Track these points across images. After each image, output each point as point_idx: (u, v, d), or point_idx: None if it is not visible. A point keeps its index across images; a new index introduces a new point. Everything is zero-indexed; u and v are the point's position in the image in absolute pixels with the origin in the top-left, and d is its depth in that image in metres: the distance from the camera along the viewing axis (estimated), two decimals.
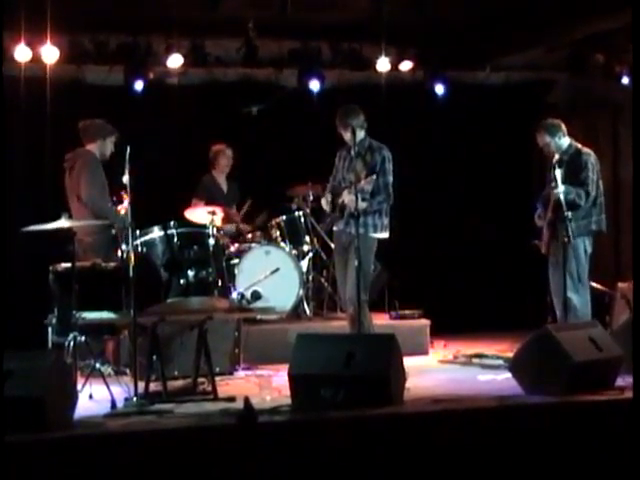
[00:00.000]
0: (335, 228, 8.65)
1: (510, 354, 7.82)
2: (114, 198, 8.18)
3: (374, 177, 8.20)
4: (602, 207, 8.48)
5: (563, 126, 8.56)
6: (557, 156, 8.37)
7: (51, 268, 7.80)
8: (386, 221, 8.48)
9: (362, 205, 8.12)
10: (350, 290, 8.22)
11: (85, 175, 8.41)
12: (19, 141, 9.81)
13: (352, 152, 8.44)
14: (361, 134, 8.38)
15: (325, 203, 8.61)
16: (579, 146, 8.57)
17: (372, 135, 8.53)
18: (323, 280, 10.24)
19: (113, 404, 6.82)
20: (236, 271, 9.58)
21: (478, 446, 6.13)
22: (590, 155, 8.52)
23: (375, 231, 8.40)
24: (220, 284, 8.45)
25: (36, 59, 9.47)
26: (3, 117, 8.92)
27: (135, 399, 6.88)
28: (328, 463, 5.92)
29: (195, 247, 8.30)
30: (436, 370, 8.82)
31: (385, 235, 8.51)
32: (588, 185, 8.36)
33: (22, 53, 9.39)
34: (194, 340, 7.56)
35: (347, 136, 8.42)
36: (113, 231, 8.15)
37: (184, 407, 6.87)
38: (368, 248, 8.30)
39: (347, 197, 8.34)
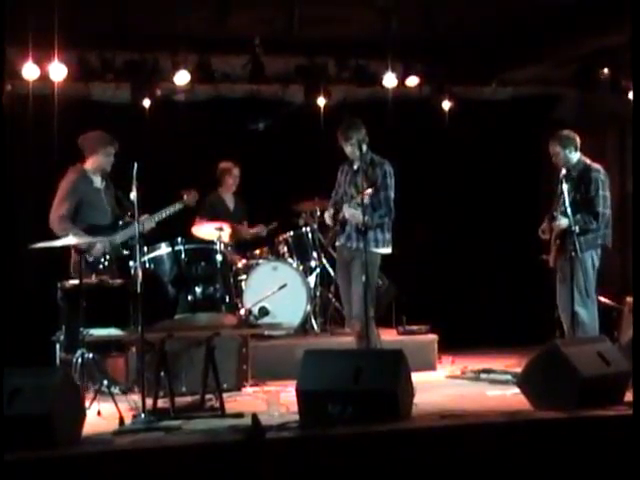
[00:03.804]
0: (337, 243, 8.63)
1: (518, 369, 7.80)
2: (129, 214, 8.17)
3: (370, 191, 8.14)
4: (609, 222, 8.47)
5: (577, 140, 8.52)
6: (564, 171, 8.35)
7: (59, 285, 7.82)
8: (388, 236, 8.44)
9: (361, 219, 8.06)
10: (357, 306, 8.20)
11: (56, 196, 8.39)
12: (27, 158, 9.83)
13: (354, 166, 8.45)
14: (363, 148, 8.34)
15: (328, 217, 8.57)
16: (588, 162, 8.54)
17: (378, 151, 8.52)
18: (330, 296, 10.24)
19: (121, 421, 6.82)
20: (244, 287, 9.59)
21: (486, 462, 6.12)
22: (599, 172, 8.48)
23: (377, 246, 8.35)
24: (228, 300, 8.45)
25: (44, 77, 9.49)
26: (3, 133, 8.92)
27: (143, 416, 6.88)
28: (336, 479, 5.91)
29: (202, 263, 8.30)
30: (444, 385, 8.81)
31: (387, 250, 8.47)
32: (597, 205, 8.32)
33: (30, 71, 9.41)
34: (202, 356, 7.56)
35: (348, 149, 8.41)
36: (88, 257, 8.03)
37: (192, 423, 6.87)
38: (371, 263, 8.26)
39: (347, 211, 8.32)
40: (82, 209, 8.36)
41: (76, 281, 7.53)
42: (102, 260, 8.18)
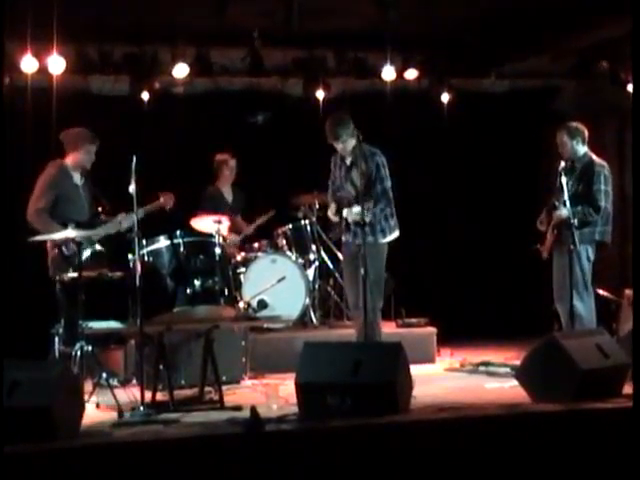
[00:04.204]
0: (343, 238, 8.62)
1: (517, 362, 7.81)
2: (99, 209, 8.15)
3: (371, 207, 8.17)
4: (609, 218, 8.46)
5: (585, 134, 8.54)
6: (563, 163, 8.35)
7: (57, 278, 7.81)
8: (393, 222, 8.43)
9: (366, 219, 8.06)
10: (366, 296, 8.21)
11: (35, 190, 8.37)
12: (25, 151, 9.83)
13: (346, 161, 8.45)
14: (352, 142, 8.32)
15: (332, 214, 8.55)
16: (594, 157, 8.55)
17: (377, 143, 8.50)
18: (329, 288, 10.24)
19: (120, 414, 6.82)
20: (242, 280, 9.59)
21: (485, 454, 6.12)
22: (604, 167, 8.49)
23: (384, 236, 8.36)
24: (226, 293, 8.45)
25: (42, 69, 9.49)
26: (3, 126, 8.92)
27: (142, 408, 6.88)
28: (335, 471, 5.92)
29: (201, 256, 8.31)
30: (443, 378, 8.82)
31: (396, 234, 8.48)
32: (599, 200, 8.32)
33: (28, 64, 9.40)
34: (201, 349, 7.57)
35: (339, 147, 8.39)
36: (64, 249, 7.92)
37: (191, 416, 6.88)
38: (379, 255, 8.28)
39: (350, 215, 8.32)
40: (60, 204, 8.32)
41: (74, 274, 7.52)
42: (80, 253, 8.05)
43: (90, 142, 8.43)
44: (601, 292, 9.13)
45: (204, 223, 9.44)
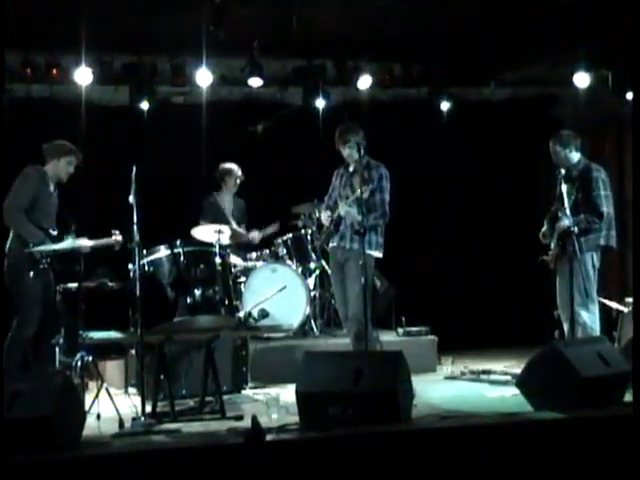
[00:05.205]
0: (330, 244, 8.61)
1: (518, 370, 7.80)
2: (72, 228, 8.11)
3: (370, 187, 8.17)
4: (612, 222, 8.42)
5: (578, 141, 8.50)
6: (563, 171, 8.33)
7: (58, 288, 7.81)
8: (381, 240, 8.43)
9: (357, 218, 8.06)
10: (354, 308, 8.19)
11: (13, 188, 8.29)
12: (23, 162, 9.83)
13: (350, 168, 8.46)
14: (361, 151, 8.33)
15: (325, 219, 8.56)
16: (588, 162, 8.53)
17: (378, 152, 8.51)
18: (330, 297, 10.23)
19: (121, 424, 6.82)
20: (243, 289, 9.59)
21: (486, 463, 6.11)
22: (600, 171, 8.46)
23: (370, 248, 8.29)
24: (227, 302, 8.44)
25: (43, 79, 9.50)
26: (4, 135, 8.91)
27: (143, 419, 6.88)
28: None
29: (202, 266, 8.30)
30: (444, 386, 8.82)
31: (379, 254, 8.46)
32: (600, 205, 8.28)
33: (29, 74, 9.41)
34: (201, 359, 7.57)
35: (346, 152, 8.42)
36: (39, 259, 7.71)
37: (192, 426, 6.88)
38: (367, 264, 8.26)
39: (342, 209, 8.33)
40: (34, 208, 8.20)
41: (75, 284, 7.52)
42: (43, 261, 7.95)
43: (72, 154, 8.36)
44: (603, 300, 9.11)
45: (205, 233, 9.44)
